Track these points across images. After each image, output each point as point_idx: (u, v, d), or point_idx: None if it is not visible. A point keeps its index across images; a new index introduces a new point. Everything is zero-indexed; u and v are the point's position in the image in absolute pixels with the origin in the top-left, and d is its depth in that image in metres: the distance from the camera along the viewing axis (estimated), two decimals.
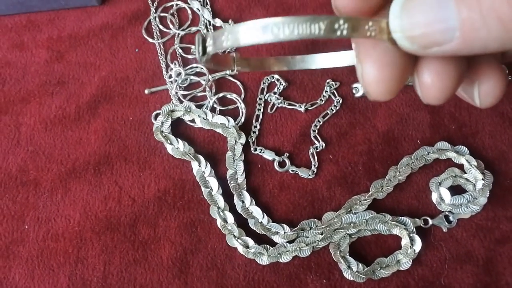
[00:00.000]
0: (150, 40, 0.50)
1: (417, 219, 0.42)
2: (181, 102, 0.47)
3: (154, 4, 0.52)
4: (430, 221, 0.43)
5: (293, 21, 0.21)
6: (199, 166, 0.44)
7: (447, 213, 0.43)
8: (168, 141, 0.45)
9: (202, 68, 0.48)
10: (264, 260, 0.41)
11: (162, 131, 0.45)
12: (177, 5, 0.52)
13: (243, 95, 0.48)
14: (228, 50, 0.48)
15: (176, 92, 0.47)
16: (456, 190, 0.44)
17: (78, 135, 0.47)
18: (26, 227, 0.43)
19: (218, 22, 0.50)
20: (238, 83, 0.48)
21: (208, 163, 0.44)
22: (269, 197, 0.44)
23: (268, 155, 0.45)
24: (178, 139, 0.45)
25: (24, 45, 0.51)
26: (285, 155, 0.45)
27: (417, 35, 0.22)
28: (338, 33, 0.21)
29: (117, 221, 0.43)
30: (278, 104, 0.47)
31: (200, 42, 0.25)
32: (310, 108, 0.47)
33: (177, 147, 0.45)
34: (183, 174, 0.45)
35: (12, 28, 0.52)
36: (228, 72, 0.48)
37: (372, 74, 0.24)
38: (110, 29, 0.51)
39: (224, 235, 0.42)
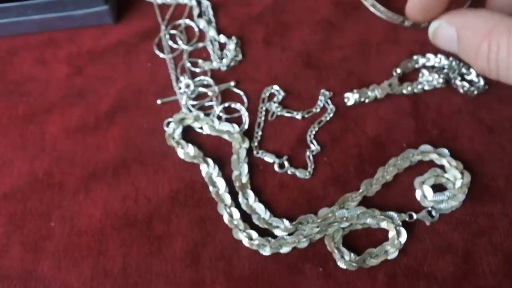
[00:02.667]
0: (161, 55, 0.56)
1: (403, 214, 0.47)
2: (190, 111, 0.52)
3: (164, 23, 0.57)
4: (415, 216, 0.47)
5: None
6: (208, 168, 0.49)
7: (430, 208, 0.48)
8: (180, 146, 0.50)
9: (208, 81, 0.53)
10: (266, 251, 0.46)
11: (174, 137, 0.50)
12: (185, 23, 0.57)
13: (246, 104, 0.53)
14: None
15: (186, 102, 0.52)
16: (438, 188, 0.49)
17: (97, 142, 0.51)
18: (52, 224, 0.48)
19: (222, 38, 0.56)
20: (242, 93, 0.53)
21: (215, 165, 0.49)
22: (270, 196, 0.49)
23: (269, 157, 0.50)
24: (189, 144, 0.50)
25: (46, 61, 0.56)
26: (284, 158, 0.50)
27: None
28: None
29: (134, 218, 0.48)
30: (278, 112, 0.52)
31: None
32: (306, 116, 0.52)
33: (187, 152, 0.50)
34: (193, 176, 0.50)
35: (35, 46, 0.57)
36: (232, 83, 0.53)
37: None
38: (124, 45, 0.57)
39: (230, 229, 0.47)
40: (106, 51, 0.56)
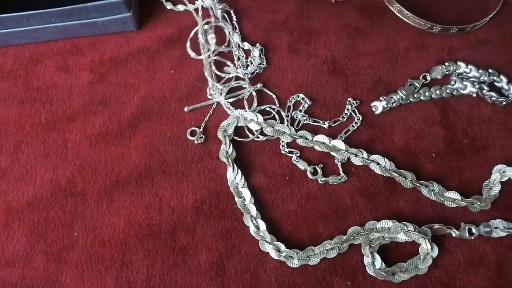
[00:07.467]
0: (193, 56, 0.53)
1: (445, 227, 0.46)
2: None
3: (201, 22, 0.54)
4: (453, 234, 0.46)
5: None
6: (232, 172, 0.48)
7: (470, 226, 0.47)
8: (224, 142, 0.49)
9: (241, 83, 0.53)
10: (294, 263, 0.45)
11: (226, 130, 0.50)
12: (215, 23, 0.55)
13: (276, 109, 0.52)
14: None
15: (224, 103, 0.52)
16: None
17: (120, 150, 0.51)
18: (75, 234, 0.47)
19: (246, 45, 0.55)
20: (274, 96, 0.53)
21: (240, 172, 0.48)
22: (297, 206, 0.48)
23: (301, 165, 0.49)
24: (231, 144, 0.49)
25: (68, 68, 0.55)
26: (318, 166, 0.49)
27: None
28: None
29: (158, 228, 0.47)
30: (304, 121, 0.51)
31: None
32: (333, 125, 0.51)
33: (225, 149, 0.49)
34: (217, 186, 0.49)
35: (58, 53, 0.56)
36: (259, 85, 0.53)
37: None
38: (147, 52, 0.56)
39: (256, 241, 0.46)
40: (128, 58, 0.56)
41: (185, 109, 0.52)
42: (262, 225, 0.46)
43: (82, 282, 0.45)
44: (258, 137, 0.51)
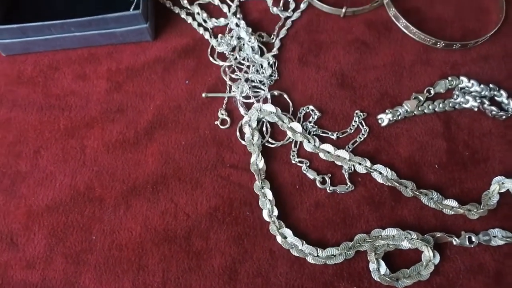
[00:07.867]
0: (213, 61, 0.58)
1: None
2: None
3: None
4: (454, 242, 0.48)
5: None
6: (256, 160, 0.51)
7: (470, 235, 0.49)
8: (251, 131, 0.52)
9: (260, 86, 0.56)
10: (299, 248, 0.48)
11: (250, 125, 0.53)
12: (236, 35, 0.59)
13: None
14: None
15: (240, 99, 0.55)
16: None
17: (137, 157, 0.53)
18: (94, 237, 0.49)
19: (258, 57, 0.57)
20: (291, 103, 0.55)
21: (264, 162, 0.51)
22: (306, 214, 0.50)
23: (311, 174, 0.51)
24: (259, 134, 0.53)
25: (86, 76, 0.57)
26: (327, 175, 0.51)
27: None
28: None
29: (174, 234, 0.49)
30: (313, 132, 0.53)
31: None
32: (341, 136, 0.53)
33: (251, 138, 0.52)
34: (230, 193, 0.51)
35: (76, 61, 0.58)
36: (276, 92, 0.55)
37: None
38: (163, 62, 0.58)
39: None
40: (144, 67, 0.58)
41: (203, 95, 0.55)
42: (288, 232, 0.49)
43: (100, 284, 0.47)
44: (268, 141, 0.53)
